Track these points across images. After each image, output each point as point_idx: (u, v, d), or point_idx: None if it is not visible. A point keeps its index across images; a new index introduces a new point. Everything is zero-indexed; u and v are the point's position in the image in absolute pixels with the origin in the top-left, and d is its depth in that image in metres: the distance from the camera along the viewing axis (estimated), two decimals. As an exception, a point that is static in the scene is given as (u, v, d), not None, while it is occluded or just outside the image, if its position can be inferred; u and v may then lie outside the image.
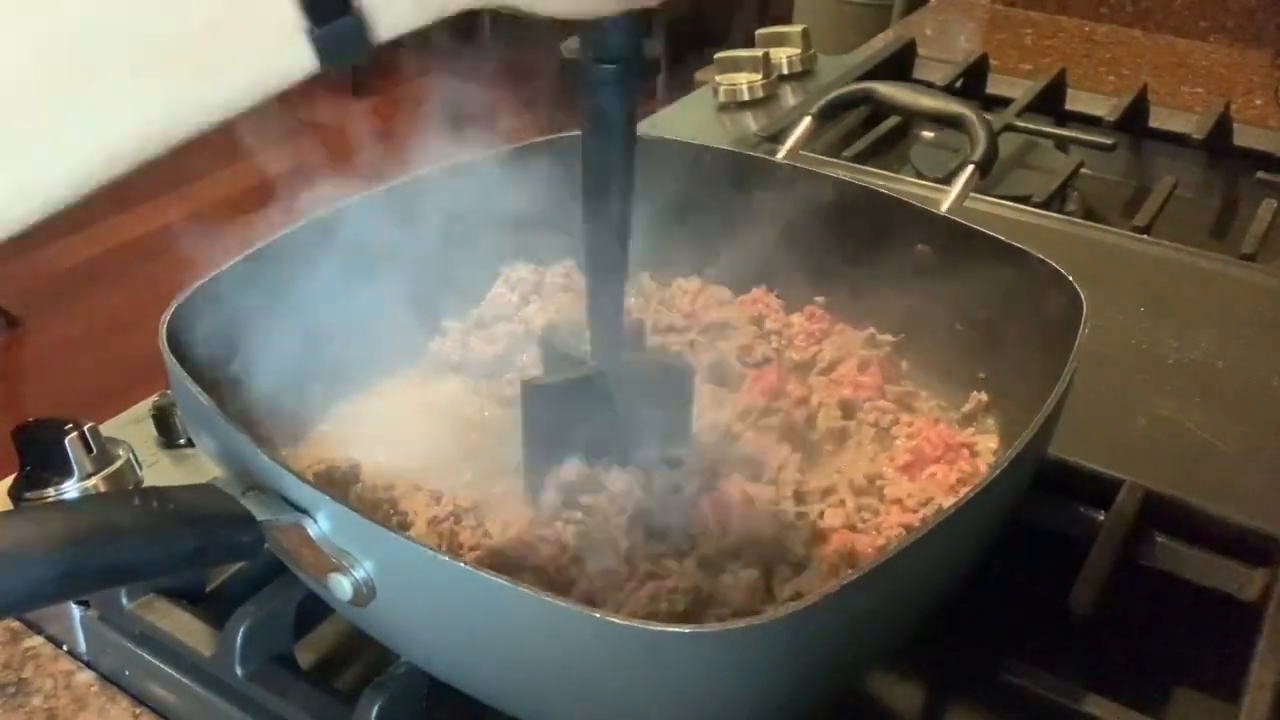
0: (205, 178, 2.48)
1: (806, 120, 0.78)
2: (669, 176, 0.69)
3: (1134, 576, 0.54)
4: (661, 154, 0.69)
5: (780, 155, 0.74)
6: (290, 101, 0.49)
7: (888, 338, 0.64)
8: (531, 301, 0.66)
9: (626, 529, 0.49)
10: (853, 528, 0.52)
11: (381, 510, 0.51)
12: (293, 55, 0.31)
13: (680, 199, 0.69)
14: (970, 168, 0.68)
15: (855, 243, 0.64)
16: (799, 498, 0.54)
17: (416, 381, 0.63)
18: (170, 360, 0.47)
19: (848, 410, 0.60)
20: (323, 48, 0.31)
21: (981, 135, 0.70)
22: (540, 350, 0.57)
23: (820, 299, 0.67)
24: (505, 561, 0.48)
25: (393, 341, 0.64)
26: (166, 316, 0.49)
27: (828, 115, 0.80)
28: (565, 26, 0.39)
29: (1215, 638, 0.52)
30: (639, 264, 0.71)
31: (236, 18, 0.30)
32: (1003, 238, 0.58)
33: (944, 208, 0.64)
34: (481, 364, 0.63)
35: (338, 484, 0.52)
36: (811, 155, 0.90)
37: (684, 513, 0.50)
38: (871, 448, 0.59)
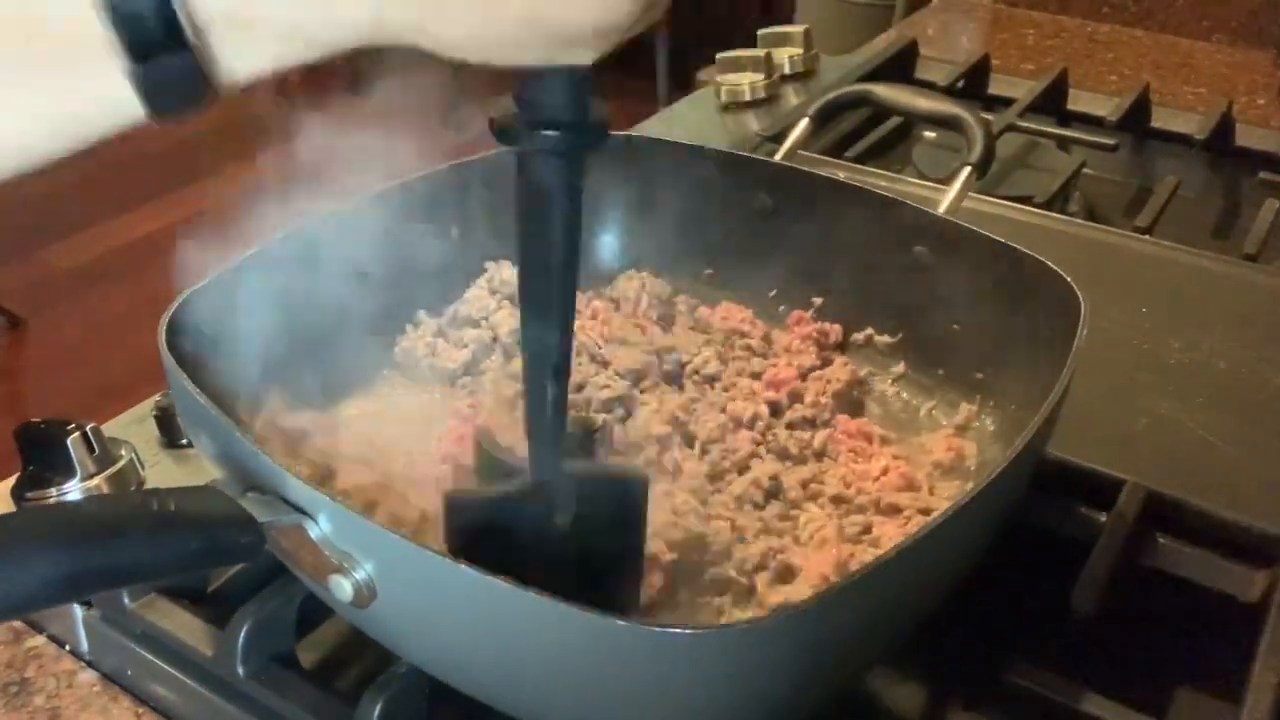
0: (207, 179, 2.49)
1: (804, 122, 0.78)
2: (666, 178, 0.69)
3: (1135, 577, 0.54)
4: (658, 156, 0.69)
5: (778, 156, 0.74)
6: (291, 100, 0.49)
7: (885, 339, 0.64)
8: (504, 307, 0.66)
9: None
10: (842, 535, 0.52)
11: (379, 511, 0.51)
12: (112, 96, 0.26)
13: (677, 201, 0.69)
14: (967, 169, 0.68)
15: (853, 244, 0.64)
16: (786, 503, 0.54)
17: (410, 384, 0.63)
18: (169, 361, 0.47)
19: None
20: (150, 91, 0.26)
21: (978, 137, 0.70)
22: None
23: (818, 300, 0.67)
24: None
25: (391, 343, 0.64)
26: (166, 318, 0.49)
27: (826, 117, 0.80)
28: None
29: (1217, 638, 0.52)
30: (637, 265, 0.71)
31: (34, 35, 0.25)
32: (1000, 239, 0.58)
33: (942, 209, 0.64)
34: (446, 370, 0.63)
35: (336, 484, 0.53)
36: (812, 156, 0.90)
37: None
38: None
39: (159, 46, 0.26)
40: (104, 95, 0.27)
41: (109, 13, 0.25)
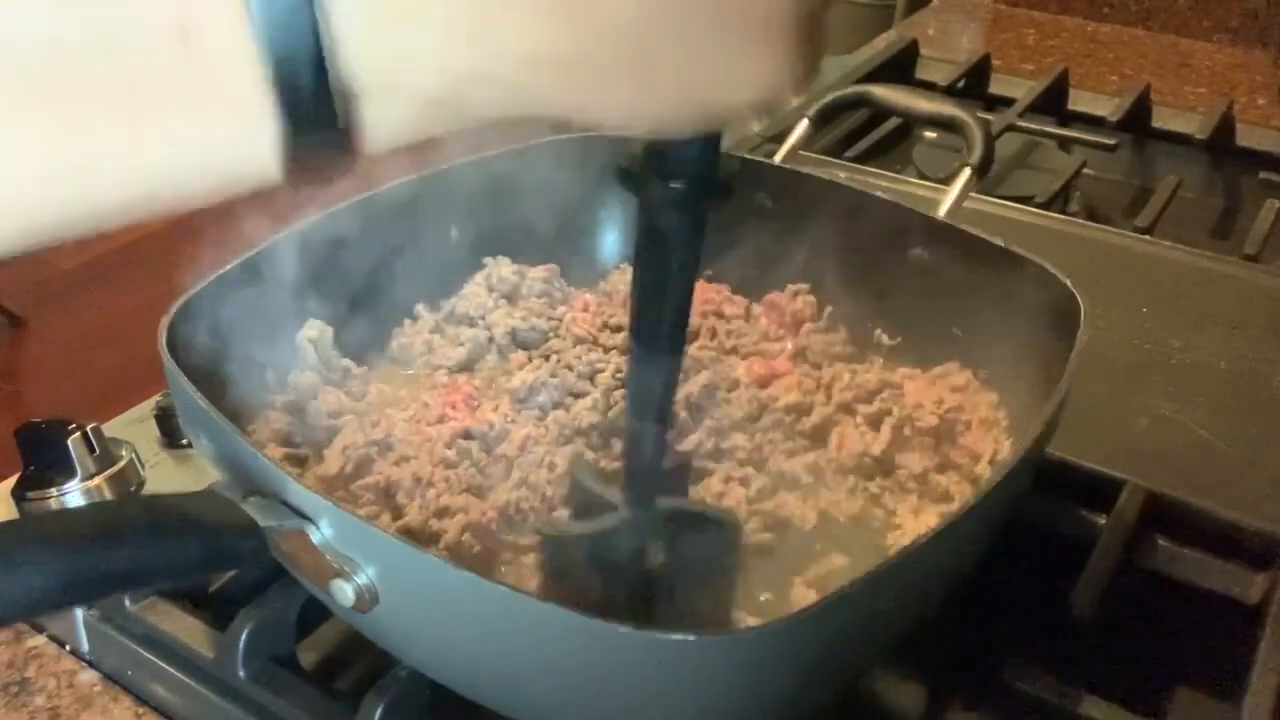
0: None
1: (803, 123, 0.78)
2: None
3: (1135, 578, 0.54)
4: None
5: (778, 158, 0.74)
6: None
7: (884, 340, 0.64)
8: (500, 306, 0.65)
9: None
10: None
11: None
12: (253, 158, 0.26)
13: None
14: (967, 171, 0.68)
15: (852, 246, 0.64)
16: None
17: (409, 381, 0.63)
18: (169, 363, 0.47)
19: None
20: (293, 160, 0.26)
21: (978, 138, 0.70)
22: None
23: (816, 301, 0.67)
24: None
25: (388, 342, 0.64)
26: (166, 319, 0.49)
27: (825, 118, 0.80)
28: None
29: (1217, 640, 0.52)
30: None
31: (194, 84, 0.25)
32: (999, 242, 0.58)
33: (941, 211, 0.64)
34: (443, 367, 0.62)
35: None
36: (812, 156, 0.90)
37: None
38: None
39: (310, 120, 0.25)
40: (243, 154, 0.26)
41: (275, 82, 0.25)
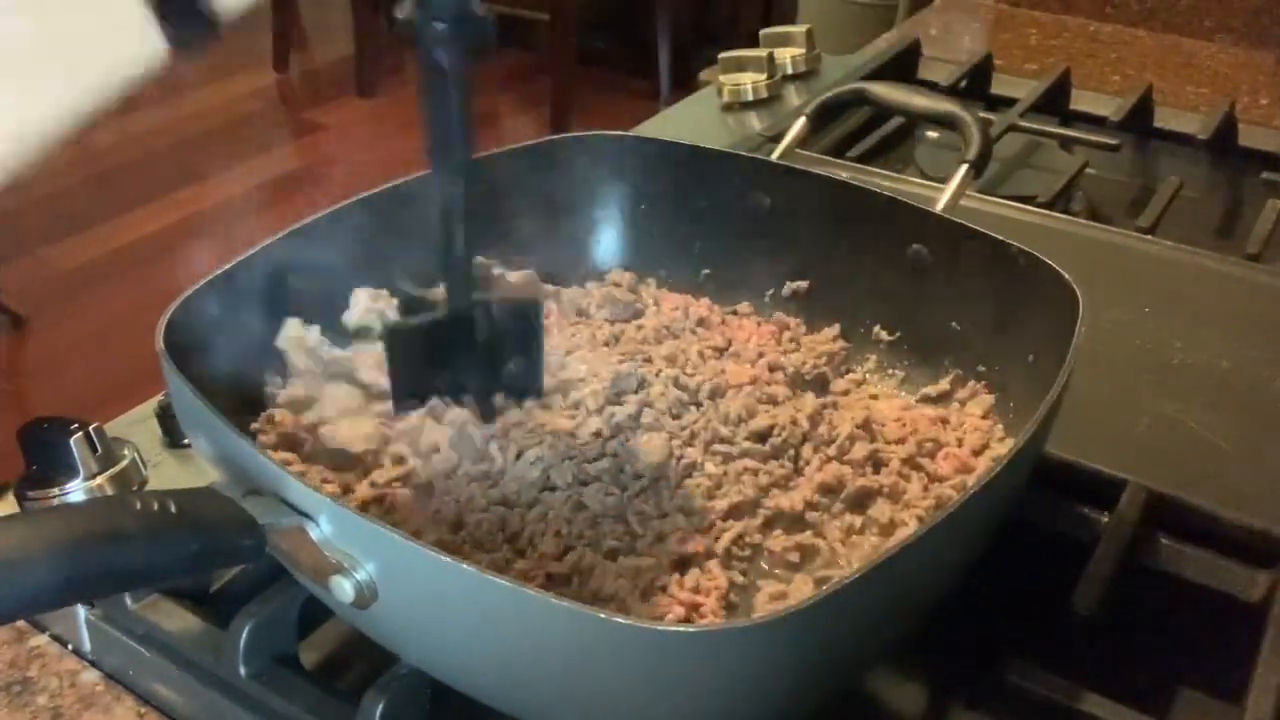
0: (210, 179, 2.49)
1: (801, 121, 0.78)
2: (662, 178, 0.69)
3: (1137, 577, 0.54)
4: (654, 155, 0.69)
5: (775, 155, 0.74)
6: (296, 102, 0.50)
7: (884, 336, 0.64)
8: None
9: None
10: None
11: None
12: (144, 43, 0.36)
13: (674, 201, 0.69)
14: (964, 167, 0.68)
15: (850, 242, 0.64)
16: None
17: None
18: (167, 363, 0.47)
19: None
20: (176, 33, 0.37)
21: (975, 134, 0.70)
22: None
23: (812, 299, 0.67)
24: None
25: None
26: (164, 319, 0.49)
27: (823, 116, 0.80)
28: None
29: (1219, 639, 0.52)
30: (632, 265, 0.71)
31: (93, 21, 0.35)
32: (996, 235, 0.58)
33: (939, 207, 0.64)
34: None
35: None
36: (813, 155, 0.90)
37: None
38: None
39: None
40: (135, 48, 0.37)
41: None
